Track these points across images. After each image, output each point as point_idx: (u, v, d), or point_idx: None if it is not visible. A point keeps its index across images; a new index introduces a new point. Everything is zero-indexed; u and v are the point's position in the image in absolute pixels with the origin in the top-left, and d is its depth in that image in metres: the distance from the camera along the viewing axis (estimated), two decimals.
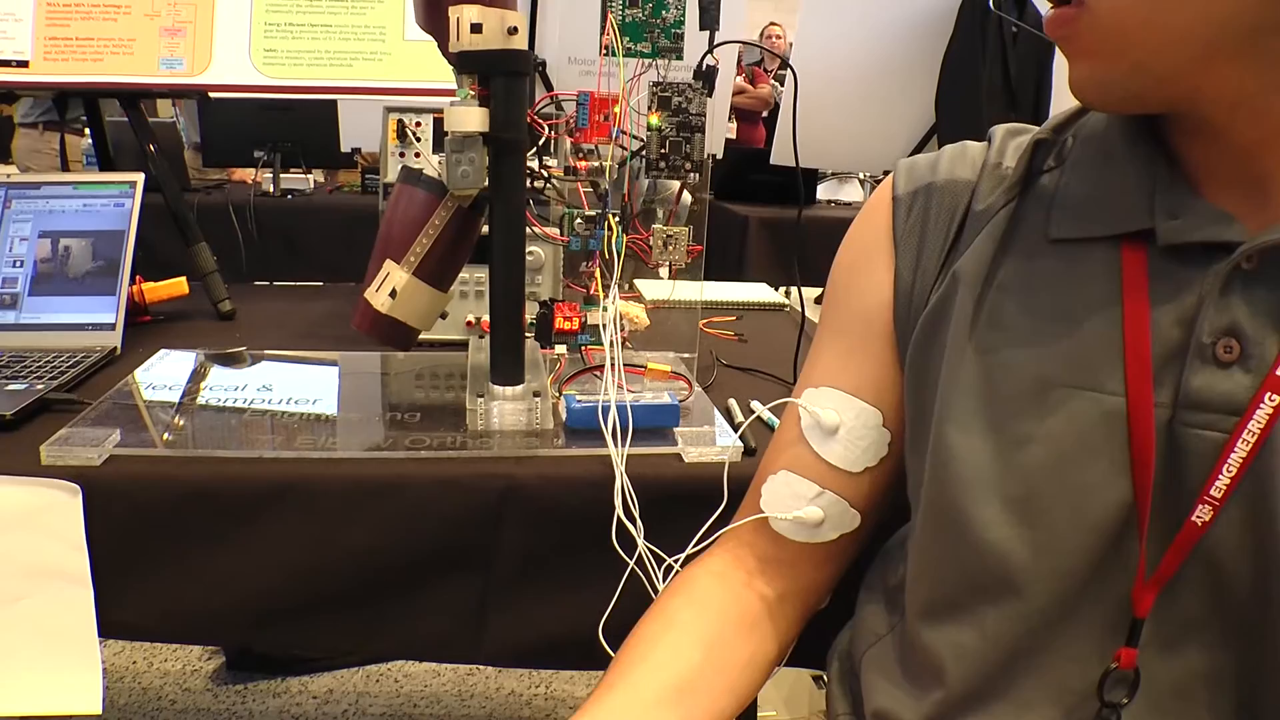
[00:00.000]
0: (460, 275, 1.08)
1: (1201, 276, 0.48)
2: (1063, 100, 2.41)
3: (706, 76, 0.83)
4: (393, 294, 0.79)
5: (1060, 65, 2.37)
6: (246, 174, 2.39)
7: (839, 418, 0.59)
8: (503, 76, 0.76)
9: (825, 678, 1.43)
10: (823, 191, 3.29)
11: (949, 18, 2.30)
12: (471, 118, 0.75)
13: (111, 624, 0.73)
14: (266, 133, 2.19)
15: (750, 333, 1.24)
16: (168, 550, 0.73)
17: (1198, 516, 0.46)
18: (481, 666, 1.59)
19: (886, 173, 2.42)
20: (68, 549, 0.71)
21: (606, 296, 0.79)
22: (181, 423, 0.80)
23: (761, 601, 0.64)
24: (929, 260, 0.58)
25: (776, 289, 1.69)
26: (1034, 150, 0.56)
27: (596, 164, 0.81)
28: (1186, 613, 0.48)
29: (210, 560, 0.73)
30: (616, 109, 0.82)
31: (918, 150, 2.43)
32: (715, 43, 0.84)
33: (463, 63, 0.76)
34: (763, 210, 2.53)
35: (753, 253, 2.53)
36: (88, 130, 1.87)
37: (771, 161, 2.36)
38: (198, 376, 0.92)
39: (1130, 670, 0.49)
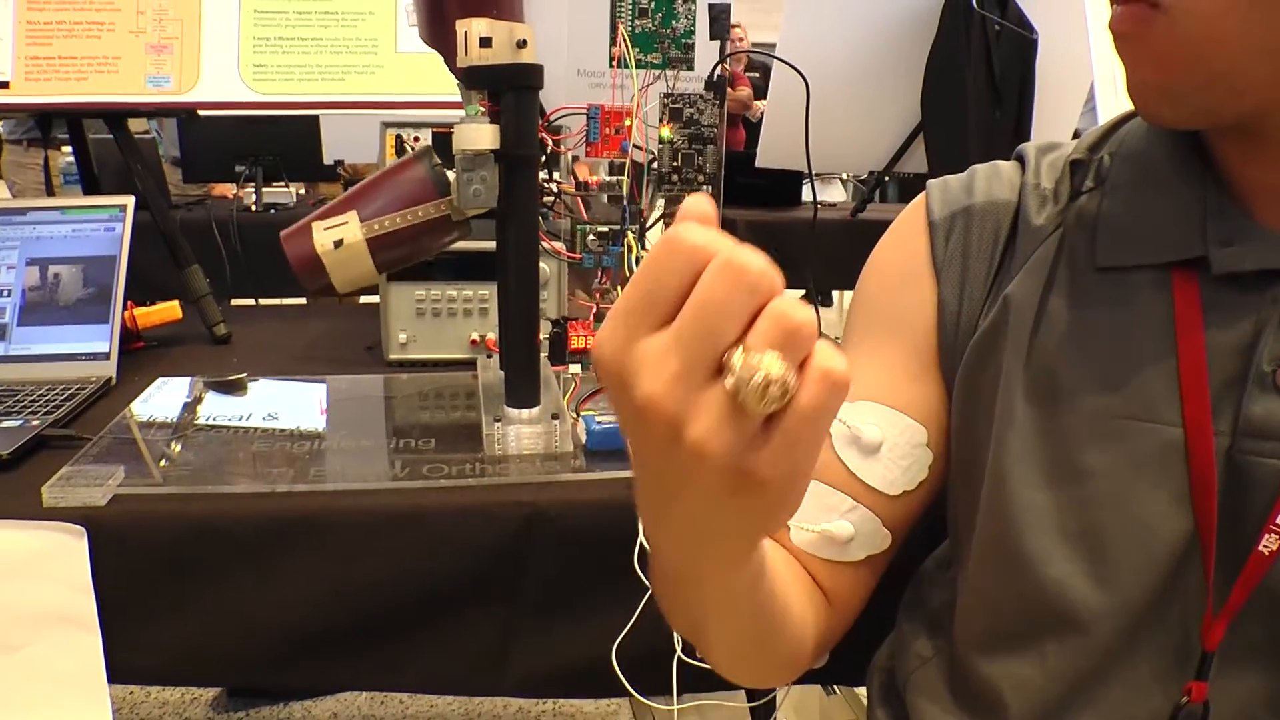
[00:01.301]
0: (463, 293, 1.06)
1: (1258, 303, 0.47)
2: (1046, 98, 2.41)
3: (718, 87, 0.82)
4: (338, 244, 0.74)
5: (1043, 64, 2.36)
6: (226, 189, 2.35)
7: (881, 434, 0.57)
8: (513, 91, 0.74)
9: (835, 689, 1.41)
10: (806, 193, 3.28)
11: (933, 17, 2.30)
12: (483, 135, 0.73)
13: (121, 668, 0.70)
14: (248, 146, 2.15)
15: None
16: (178, 591, 0.70)
17: (1264, 546, 0.46)
18: None
19: (872, 173, 2.40)
20: (74, 594, 0.68)
21: None
22: (187, 456, 0.77)
23: (806, 591, 0.58)
24: (974, 286, 0.56)
25: None
26: (1071, 172, 0.55)
27: (612, 179, 0.79)
28: (1250, 640, 0.47)
29: (223, 600, 0.71)
30: (628, 122, 0.80)
31: (904, 149, 2.43)
32: (727, 52, 0.82)
33: (471, 78, 0.74)
34: (749, 213, 2.51)
35: None
36: (65, 147, 1.83)
37: (757, 164, 2.34)
38: (199, 406, 0.89)
39: (1201, 704, 0.47)
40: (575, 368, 0.85)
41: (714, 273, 0.29)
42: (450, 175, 0.75)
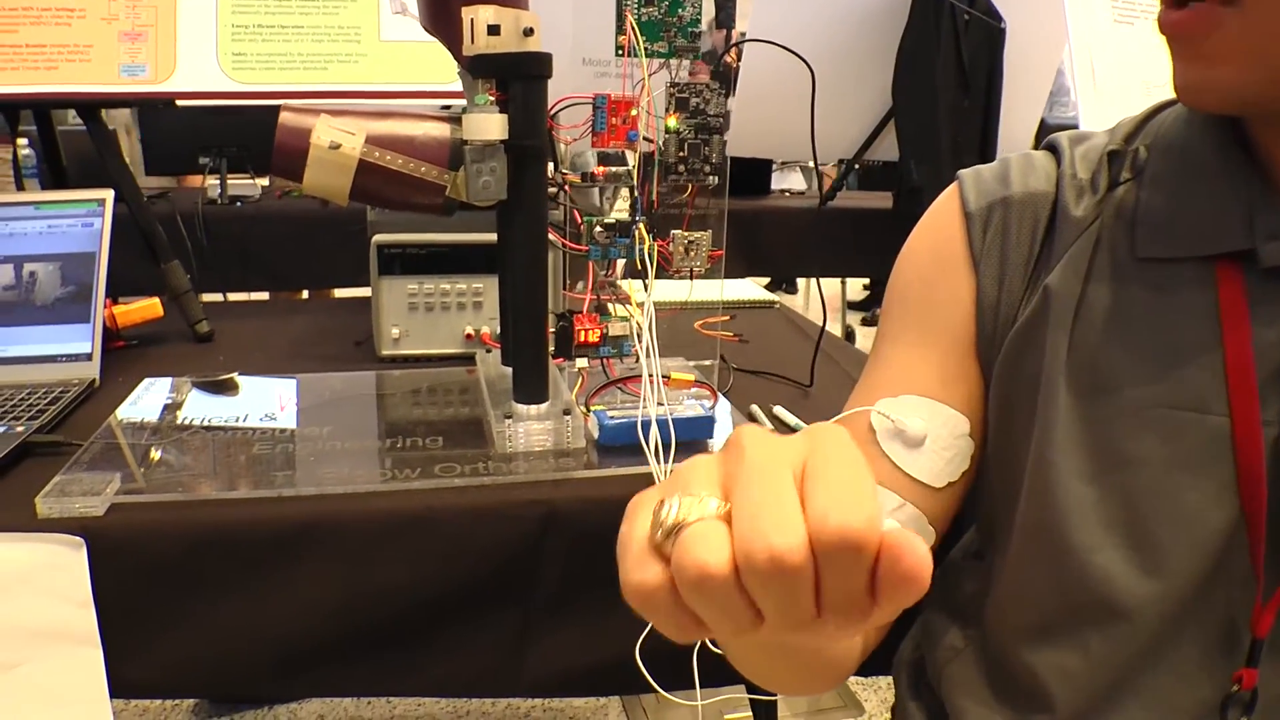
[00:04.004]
0: (456, 286, 1.04)
1: None
2: (1013, 86, 2.42)
3: (724, 76, 0.80)
4: (333, 146, 0.71)
5: (1010, 53, 2.37)
6: (194, 180, 2.27)
7: (925, 427, 0.56)
8: (521, 80, 0.72)
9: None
10: (774, 181, 3.28)
11: (903, 6, 2.30)
12: (492, 125, 0.71)
13: (124, 683, 0.68)
14: (213, 137, 2.08)
15: (747, 332, 1.22)
16: (179, 601, 0.68)
17: None
18: None
19: (842, 161, 2.40)
20: (73, 607, 0.65)
21: (637, 307, 0.76)
22: (184, 461, 0.74)
23: None
24: (1013, 277, 0.56)
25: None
26: (1109, 163, 0.54)
27: (622, 169, 0.77)
28: None
29: (230, 609, 0.68)
30: (634, 111, 0.78)
31: (874, 136, 2.44)
32: (732, 41, 0.81)
33: (478, 67, 0.72)
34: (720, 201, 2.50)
35: None
36: (21, 140, 1.75)
37: (727, 152, 2.33)
38: (191, 407, 0.86)
39: (1250, 690, 0.48)
40: (581, 361, 0.84)
41: None
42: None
